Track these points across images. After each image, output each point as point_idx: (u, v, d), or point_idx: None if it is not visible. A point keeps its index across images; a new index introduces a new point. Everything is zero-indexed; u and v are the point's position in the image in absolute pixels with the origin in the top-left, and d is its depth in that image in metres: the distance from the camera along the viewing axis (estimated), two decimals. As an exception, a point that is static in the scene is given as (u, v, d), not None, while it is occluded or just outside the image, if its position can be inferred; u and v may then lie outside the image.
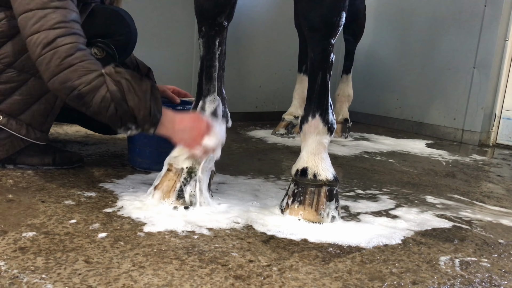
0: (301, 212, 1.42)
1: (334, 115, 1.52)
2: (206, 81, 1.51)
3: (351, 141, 3.20)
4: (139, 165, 1.87)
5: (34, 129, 1.66)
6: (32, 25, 1.35)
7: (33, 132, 1.66)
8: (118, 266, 1.03)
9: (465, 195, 1.97)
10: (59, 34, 1.35)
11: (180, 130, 1.42)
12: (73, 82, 1.34)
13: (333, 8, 1.40)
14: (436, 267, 1.20)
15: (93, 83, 1.34)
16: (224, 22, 1.49)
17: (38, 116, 1.66)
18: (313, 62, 1.46)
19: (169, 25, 3.08)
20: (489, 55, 3.39)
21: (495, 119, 3.51)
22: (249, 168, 2.09)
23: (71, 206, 1.39)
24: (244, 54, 3.60)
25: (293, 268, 1.11)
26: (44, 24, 1.35)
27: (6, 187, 1.51)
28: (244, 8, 3.46)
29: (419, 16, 3.81)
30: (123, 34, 1.79)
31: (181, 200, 1.44)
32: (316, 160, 1.47)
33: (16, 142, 1.66)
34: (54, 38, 1.35)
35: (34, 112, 1.64)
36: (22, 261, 1.01)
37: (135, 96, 1.35)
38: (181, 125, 1.42)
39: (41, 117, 1.67)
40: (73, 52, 1.35)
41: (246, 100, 3.68)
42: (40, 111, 1.65)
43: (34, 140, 1.66)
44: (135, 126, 1.38)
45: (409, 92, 3.92)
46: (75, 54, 1.35)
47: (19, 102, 1.61)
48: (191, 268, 1.05)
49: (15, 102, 1.61)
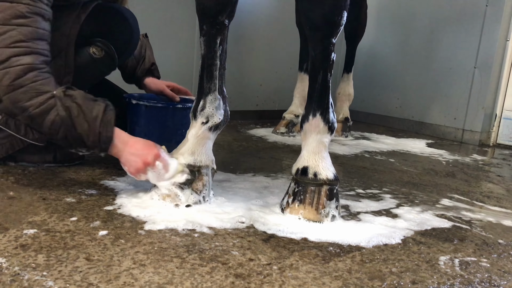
0: (302, 211, 1.42)
1: (334, 114, 1.52)
2: (207, 80, 1.51)
3: (351, 140, 3.20)
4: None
5: (32, 129, 1.64)
6: None
7: (31, 132, 1.64)
8: (119, 264, 1.03)
9: (465, 195, 1.97)
10: (14, 54, 1.34)
11: (130, 153, 1.42)
12: (24, 103, 1.34)
13: (335, 7, 1.40)
14: (435, 266, 1.20)
15: (43, 106, 1.34)
16: (225, 20, 1.49)
17: None
18: (314, 61, 1.47)
19: (170, 23, 3.08)
20: (490, 55, 3.39)
21: (495, 119, 3.51)
22: (250, 166, 2.10)
23: (72, 203, 1.39)
24: (245, 53, 3.60)
25: (293, 267, 1.11)
26: (1, 41, 1.33)
27: (7, 184, 1.51)
28: (245, 7, 3.45)
29: (420, 15, 3.81)
30: (124, 33, 1.78)
31: (183, 198, 1.44)
32: (316, 159, 1.47)
33: (15, 142, 1.65)
34: (7, 58, 1.33)
35: None
36: (23, 258, 1.02)
37: (84, 122, 1.35)
38: (132, 148, 1.42)
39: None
40: (25, 73, 1.34)
41: (247, 99, 3.68)
42: None
43: (32, 140, 1.65)
44: (85, 150, 1.43)
45: (409, 91, 3.92)
46: (26, 75, 1.34)
47: None
48: (192, 266, 1.06)
49: None
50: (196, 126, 1.51)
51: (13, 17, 1.34)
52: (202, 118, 1.50)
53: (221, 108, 1.53)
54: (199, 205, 1.45)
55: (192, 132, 1.52)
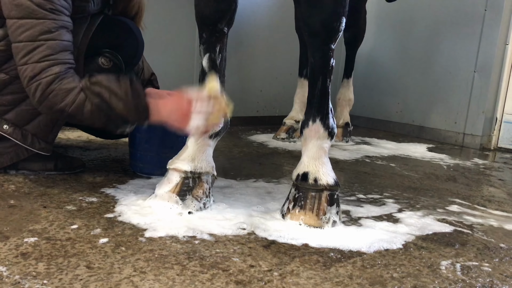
0: (302, 217, 1.42)
1: (334, 119, 1.52)
2: (207, 87, 1.52)
3: (352, 145, 3.20)
4: (141, 170, 1.87)
5: (39, 139, 1.67)
6: (22, 57, 1.42)
7: (38, 142, 1.67)
8: (119, 272, 1.03)
9: (466, 199, 1.96)
10: (45, 67, 1.41)
11: (167, 114, 1.41)
12: (59, 106, 1.40)
13: (333, 13, 1.40)
14: (437, 271, 1.20)
15: (76, 101, 1.39)
16: (225, 28, 1.50)
17: (43, 127, 1.67)
18: (314, 67, 1.47)
19: (170, 30, 3.09)
20: (489, 59, 3.39)
21: (496, 123, 3.50)
22: (250, 172, 2.10)
23: (73, 211, 1.40)
24: (245, 59, 3.61)
25: (294, 273, 1.11)
26: (31, 57, 1.41)
27: (8, 193, 1.52)
28: (244, 13, 3.47)
29: (420, 20, 3.82)
30: (131, 45, 1.85)
31: (183, 204, 1.45)
32: (317, 164, 1.47)
33: (20, 151, 1.67)
34: (39, 72, 1.41)
35: (40, 122, 1.66)
36: (24, 267, 1.02)
37: (119, 102, 1.37)
38: (166, 109, 1.41)
39: (46, 128, 1.68)
40: (53, 81, 1.40)
41: (247, 105, 3.68)
42: (46, 122, 1.67)
43: (38, 150, 1.68)
44: (130, 125, 1.44)
45: (410, 96, 3.92)
46: (55, 80, 1.40)
47: (25, 113, 1.63)
48: (192, 273, 1.06)
49: (21, 112, 1.62)
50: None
51: (41, 33, 1.42)
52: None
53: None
54: (200, 211, 1.46)
55: (192, 139, 1.52)
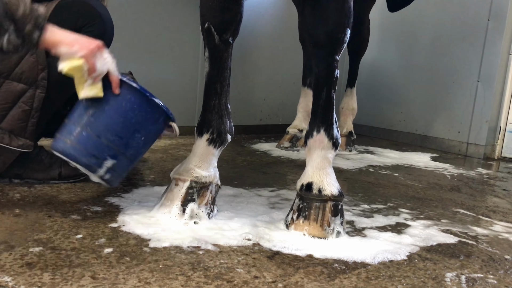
0: (306, 228, 1.42)
1: (338, 130, 1.52)
2: (212, 97, 1.53)
3: (355, 154, 3.20)
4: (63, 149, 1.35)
5: (16, 136, 1.60)
6: None
7: (16, 139, 1.61)
8: (124, 282, 1.03)
9: (471, 210, 1.96)
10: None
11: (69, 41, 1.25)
12: None
13: (338, 25, 1.41)
14: (442, 283, 1.19)
15: None
16: (230, 39, 1.51)
17: (17, 121, 1.60)
18: (318, 77, 1.48)
19: (174, 39, 3.11)
20: (493, 69, 3.39)
21: (500, 132, 3.50)
22: (254, 181, 2.10)
23: (77, 220, 1.40)
24: (249, 67, 3.62)
25: (298, 284, 1.11)
26: None
27: (13, 202, 1.52)
28: (249, 22, 3.49)
29: (423, 30, 3.83)
30: (95, 25, 1.65)
31: (187, 214, 1.45)
32: (321, 175, 1.47)
33: (6, 154, 1.61)
34: None
35: (13, 117, 1.59)
36: (29, 277, 1.02)
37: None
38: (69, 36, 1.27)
39: (20, 122, 1.61)
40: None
41: (251, 113, 3.70)
42: (19, 116, 1.60)
43: (17, 148, 1.60)
44: (13, 27, 1.17)
45: (413, 105, 3.92)
46: None
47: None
48: (197, 284, 1.06)
49: None
50: (201, 143, 1.52)
51: None
52: (207, 134, 1.51)
53: (226, 125, 1.55)
54: (204, 221, 1.45)
55: (197, 149, 1.53)
